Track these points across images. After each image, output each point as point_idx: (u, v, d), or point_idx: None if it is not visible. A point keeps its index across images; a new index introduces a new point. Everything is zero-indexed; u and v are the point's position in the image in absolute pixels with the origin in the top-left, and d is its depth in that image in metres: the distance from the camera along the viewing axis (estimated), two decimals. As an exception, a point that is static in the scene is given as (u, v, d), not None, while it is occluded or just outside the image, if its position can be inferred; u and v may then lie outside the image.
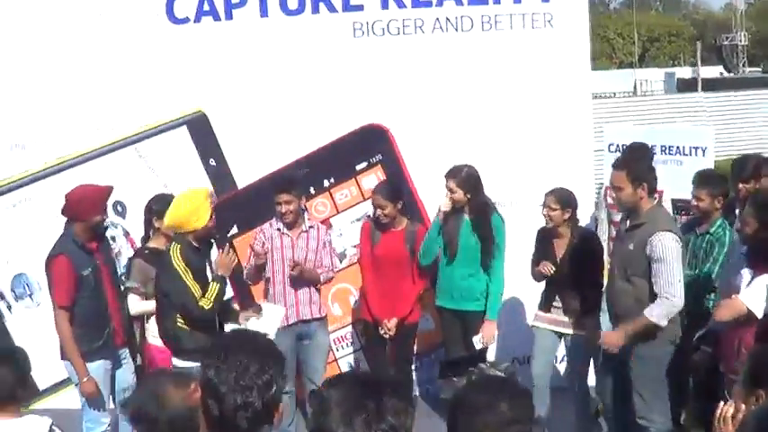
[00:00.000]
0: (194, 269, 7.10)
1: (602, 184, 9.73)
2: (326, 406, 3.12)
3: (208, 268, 7.34)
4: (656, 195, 7.16)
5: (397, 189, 8.42)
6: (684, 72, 60.28)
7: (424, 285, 8.49)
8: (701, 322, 7.27)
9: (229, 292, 8.20)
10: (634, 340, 6.92)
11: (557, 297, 7.98)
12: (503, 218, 8.26)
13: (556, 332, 8.01)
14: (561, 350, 8.49)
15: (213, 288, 7.15)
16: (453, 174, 8.08)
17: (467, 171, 8.07)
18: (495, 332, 8.22)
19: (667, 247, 6.74)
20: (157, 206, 7.79)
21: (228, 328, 7.42)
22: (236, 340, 3.60)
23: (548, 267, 7.89)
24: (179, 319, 7.16)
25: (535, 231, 8.15)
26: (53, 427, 4.73)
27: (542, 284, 8.15)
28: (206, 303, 7.09)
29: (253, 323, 7.60)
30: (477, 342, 8.13)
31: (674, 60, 79.42)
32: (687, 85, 48.49)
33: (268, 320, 7.71)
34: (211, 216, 7.18)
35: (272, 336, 7.83)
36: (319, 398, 3.18)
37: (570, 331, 7.93)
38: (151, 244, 7.97)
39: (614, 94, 45.61)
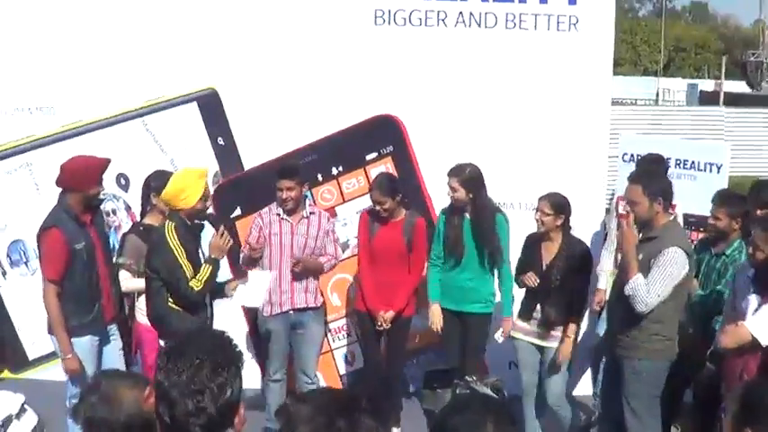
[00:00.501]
0: (187, 249, 6.98)
1: (614, 190, 9.60)
2: (293, 423, 2.94)
3: (200, 250, 7.22)
4: (672, 211, 6.99)
5: (395, 183, 8.30)
6: (707, 84, 60.08)
7: (419, 278, 8.39)
8: (708, 343, 7.14)
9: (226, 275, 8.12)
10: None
11: (537, 307, 7.78)
12: (506, 218, 8.17)
13: (534, 344, 7.83)
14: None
15: (205, 270, 7.04)
16: (456, 172, 7.96)
17: (470, 170, 7.95)
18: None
19: (672, 261, 6.58)
20: (155, 182, 7.64)
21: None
22: (189, 339, 3.34)
23: (532, 279, 7.71)
24: (170, 299, 7.05)
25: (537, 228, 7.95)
26: (25, 406, 4.56)
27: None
28: (196, 285, 6.99)
29: (240, 292, 7.53)
30: (499, 338, 8.14)
31: (698, 72, 79.21)
32: (709, 98, 48.28)
33: (254, 287, 7.60)
34: (204, 197, 7.04)
35: (258, 304, 7.74)
36: (286, 413, 2.99)
37: (548, 344, 7.73)
38: (146, 220, 7.83)
39: (635, 101, 45.49)
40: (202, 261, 7.13)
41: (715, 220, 7.71)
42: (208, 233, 7.35)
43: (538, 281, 7.66)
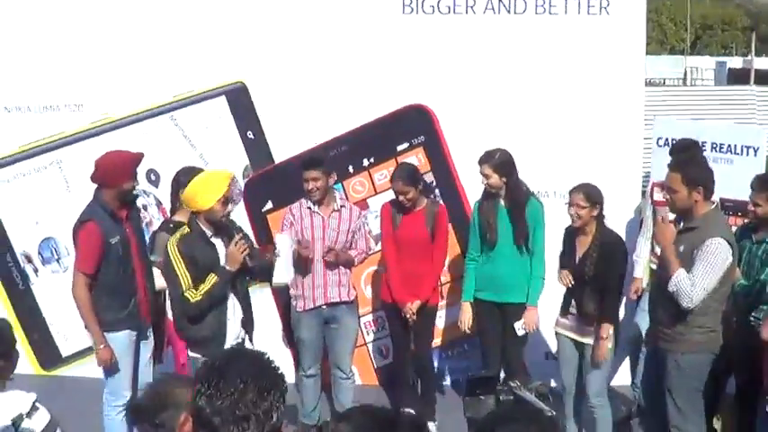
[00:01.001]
0: (194, 257, 6.77)
1: (648, 172, 9.47)
2: None
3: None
4: (714, 200, 6.80)
5: (417, 172, 8.23)
6: (736, 62, 59.47)
7: (443, 265, 8.41)
8: (753, 334, 6.99)
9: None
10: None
11: (573, 301, 7.59)
12: (541, 202, 8.09)
13: (573, 340, 7.61)
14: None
15: (209, 281, 6.77)
16: (486, 158, 7.85)
17: (501, 154, 7.84)
18: (537, 318, 8.00)
19: (715, 253, 6.40)
20: (184, 178, 7.52)
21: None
22: (229, 361, 3.14)
23: (567, 279, 7.53)
24: None
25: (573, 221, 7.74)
26: (36, 404, 4.50)
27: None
28: (192, 296, 6.75)
29: (278, 268, 7.36)
30: (520, 329, 7.94)
31: (725, 49, 78.54)
32: (738, 76, 47.73)
33: (283, 256, 7.40)
34: (225, 199, 6.80)
35: (289, 278, 7.57)
36: None
37: (586, 340, 7.49)
38: (176, 217, 7.74)
39: (664, 81, 45.08)
40: None
41: (755, 206, 7.54)
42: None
43: (571, 282, 7.52)
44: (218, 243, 6.97)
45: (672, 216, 7.12)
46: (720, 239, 6.42)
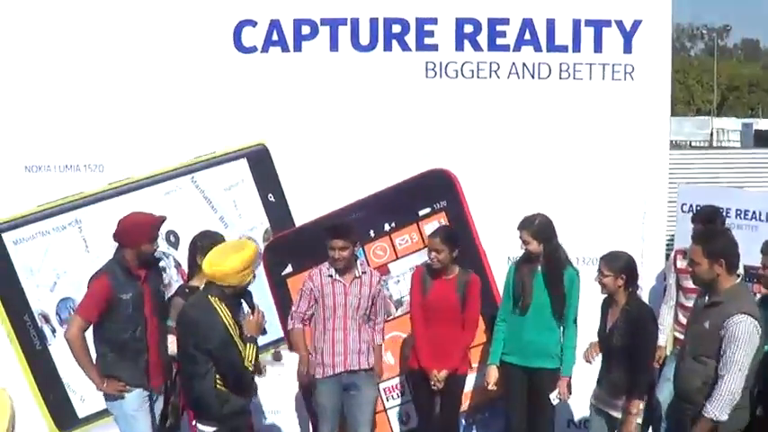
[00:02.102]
0: (238, 325, 6.66)
1: (672, 235, 9.36)
2: None
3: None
4: (739, 272, 6.66)
5: (456, 236, 8.19)
6: (763, 123, 59.44)
7: (474, 335, 8.29)
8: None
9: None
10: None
11: (606, 372, 7.46)
12: (577, 271, 8.06)
13: (605, 412, 7.45)
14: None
15: (251, 350, 6.62)
16: (526, 224, 7.88)
17: (540, 220, 7.88)
18: (571, 388, 7.95)
19: (742, 332, 6.24)
20: (202, 242, 7.54)
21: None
22: None
23: (588, 356, 7.60)
24: (218, 381, 6.56)
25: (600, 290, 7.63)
26: None
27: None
28: (249, 365, 6.61)
29: None
30: (554, 398, 7.91)
31: (752, 110, 78.57)
32: (764, 137, 47.69)
33: None
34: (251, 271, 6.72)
35: None
36: None
37: (613, 413, 7.33)
38: (193, 282, 7.69)
39: (689, 142, 45.05)
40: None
41: (765, 270, 7.46)
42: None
43: (592, 360, 7.40)
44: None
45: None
46: (744, 316, 6.29)
